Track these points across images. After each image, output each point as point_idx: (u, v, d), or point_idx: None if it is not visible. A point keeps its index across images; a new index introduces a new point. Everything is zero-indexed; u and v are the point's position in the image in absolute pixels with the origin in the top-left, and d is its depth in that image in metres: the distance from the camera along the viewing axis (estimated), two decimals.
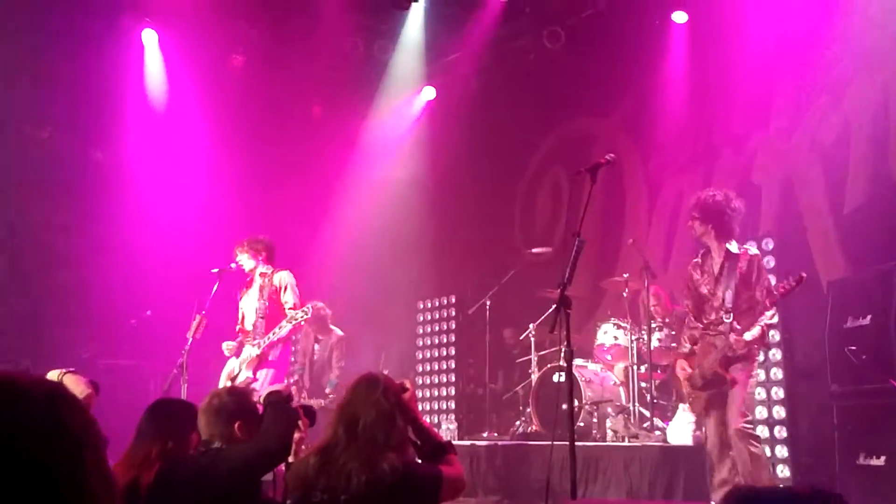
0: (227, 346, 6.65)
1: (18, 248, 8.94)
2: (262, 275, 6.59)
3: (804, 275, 4.84)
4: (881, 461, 5.01)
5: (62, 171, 9.18)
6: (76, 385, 3.13)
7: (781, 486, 5.56)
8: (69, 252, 9.18)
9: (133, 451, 3.07)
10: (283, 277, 6.54)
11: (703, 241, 5.29)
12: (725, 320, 5.08)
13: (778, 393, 6.74)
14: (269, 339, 6.27)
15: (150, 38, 9.50)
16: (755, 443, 5.02)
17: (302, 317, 6.18)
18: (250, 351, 6.36)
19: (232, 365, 6.52)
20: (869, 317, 5.25)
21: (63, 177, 9.16)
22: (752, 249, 5.36)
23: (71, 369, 4.09)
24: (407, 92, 10.71)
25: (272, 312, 6.45)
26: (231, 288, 6.99)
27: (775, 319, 5.33)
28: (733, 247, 5.23)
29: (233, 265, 6.55)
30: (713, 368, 5.06)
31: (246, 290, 6.74)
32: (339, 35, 9.78)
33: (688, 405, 6.53)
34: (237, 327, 6.74)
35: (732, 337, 4.97)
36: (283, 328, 6.23)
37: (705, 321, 5.28)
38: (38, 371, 3.20)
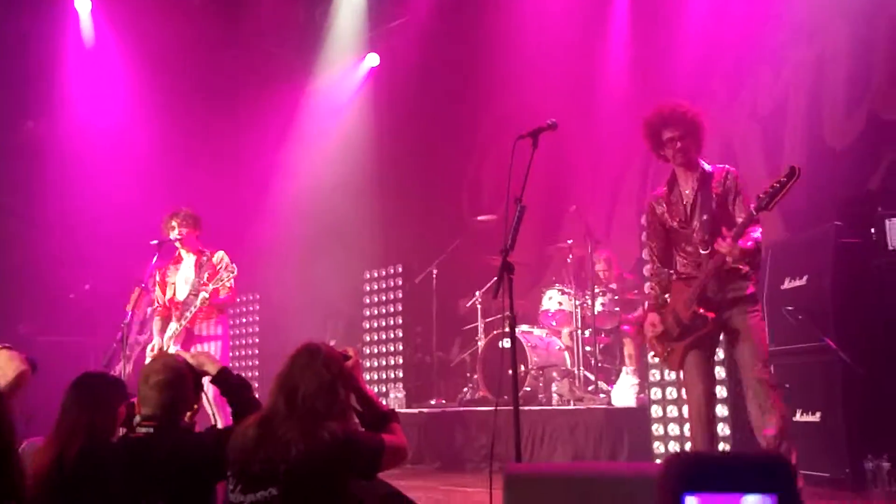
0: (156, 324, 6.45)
1: None
2: (200, 252, 6.32)
3: (797, 167, 3.91)
4: (817, 417, 5.16)
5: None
6: (9, 361, 3.02)
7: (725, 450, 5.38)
8: (3, 226, 8.91)
9: (58, 427, 2.98)
10: (223, 258, 6.26)
11: (677, 159, 4.30)
12: (703, 252, 4.19)
13: (718, 354, 6.87)
14: (190, 313, 6.02)
15: (83, 4, 9.19)
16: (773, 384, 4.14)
17: (228, 277, 5.94)
18: (175, 327, 6.13)
19: (156, 341, 6.27)
20: (805, 277, 5.37)
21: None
22: (729, 166, 4.36)
23: (6, 345, 3.96)
24: (350, 58, 10.56)
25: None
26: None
27: (759, 234, 4.15)
28: (706, 165, 4.35)
29: (171, 236, 6.28)
30: (690, 310, 4.16)
31: (175, 265, 6.43)
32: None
33: (640, 362, 6.63)
34: (161, 300, 6.41)
35: (722, 245, 4.00)
36: (196, 305, 5.97)
37: (679, 267, 4.37)
38: None
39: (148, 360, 4.45)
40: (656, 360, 5.64)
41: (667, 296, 4.37)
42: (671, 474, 1.10)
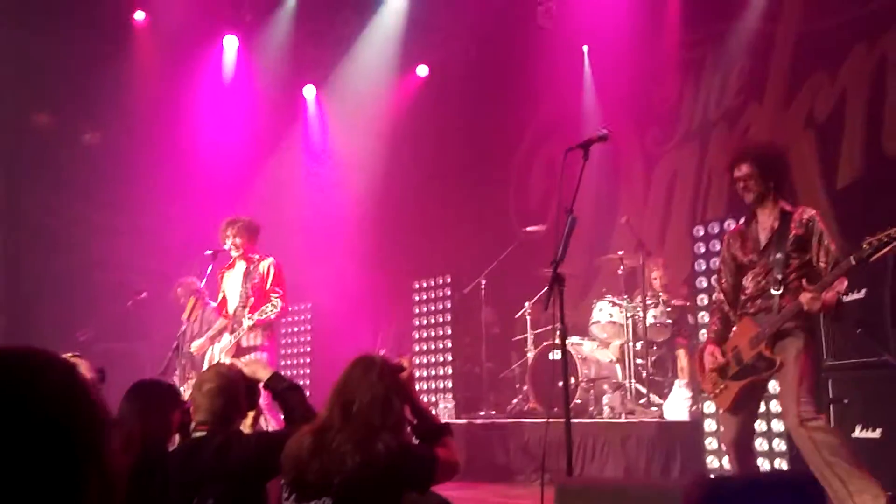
0: (196, 345, 6.55)
1: (16, 232, 8.94)
2: (248, 259, 6.35)
3: None
4: (877, 433, 5.03)
5: (58, 153, 9.17)
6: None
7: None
8: (65, 236, 9.18)
9: (114, 436, 3.06)
10: (269, 266, 6.28)
11: (746, 198, 4.23)
12: (773, 291, 4.06)
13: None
14: (244, 328, 6.03)
15: (140, 17, 9.44)
16: (827, 428, 3.95)
17: (272, 311, 5.95)
18: (228, 338, 6.16)
19: (212, 352, 6.35)
20: (864, 290, 5.25)
21: (60, 160, 9.16)
22: (810, 209, 4.21)
23: (76, 354, 4.08)
24: (401, 69, 10.65)
25: (256, 300, 6.18)
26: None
27: (843, 286, 4.02)
28: (787, 205, 4.23)
29: (226, 246, 6.36)
30: (756, 350, 4.03)
31: (228, 272, 6.49)
32: (319, 10, 9.72)
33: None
34: (221, 310, 6.52)
35: (806, 296, 3.87)
36: (249, 322, 5.99)
37: (744, 296, 4.28)
38: None
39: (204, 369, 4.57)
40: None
41: (727, 332, 4.30)
42: (695, 499, 1.09)
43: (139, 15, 9.45)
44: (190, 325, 6.74)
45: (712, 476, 5.34)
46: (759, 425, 5.38)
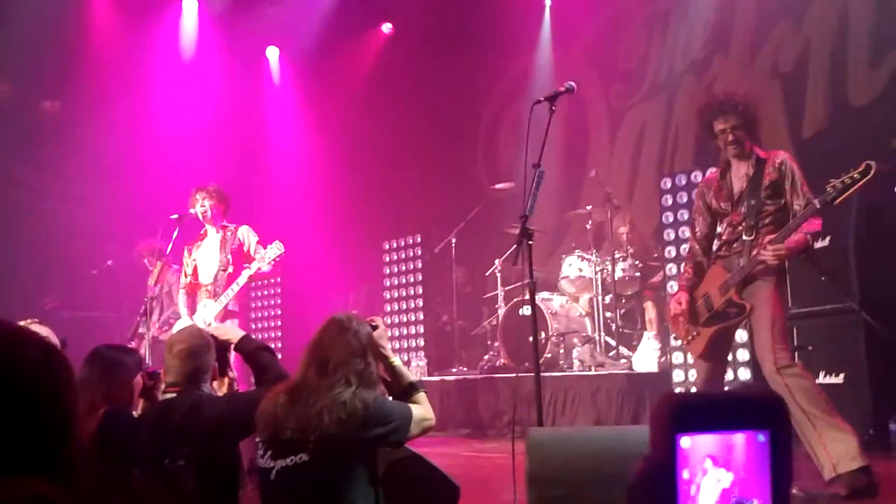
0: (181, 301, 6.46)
1: None
2: (224, 227, 6.28)
3: (872, 164, 3.73)
4: (840, 379, 5.15)
5: (18, 123, 8.96)
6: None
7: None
8: (29, 204, 9.01)
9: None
10: (248, 232, 6.25)
11: (729, 151, 4.23)
12: (745, 238, 4.08)
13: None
14: (232, 291, 5.99)
15: None
16: (803, 374, 3.92)
17: (275, 254, 5.95)
18: (212, 305, 6.09)
19: (184, 319, 6.18)
20: (828, 238, 5.33)
21: (20, 129, 8.95)
22: (782, 152, 4.23)
23: (35, 320, 4.03)
24: (365, 28, 10.51)
25: (236, 265, 6.14)
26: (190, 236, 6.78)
27: (817, 226, 4.02)
28: (761, 151, 4.24)
29: (192, 211, 6.27)
30: (726, 296, 4.06)
31: (199, 243, 6.40)
32: None
33: (656, 337, 6.62)
34: (186, 279, 6.39)
35: (770, 248, 3.90)
36: (242, 279, 5.97)
37: (718, 242, 4.32)
38: None
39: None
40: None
41: (699, 280, 4.30)
42: (663, 416, 1.10)
43: None
44: (157, 290, 6.66)
45: (679, 392, 5.45)
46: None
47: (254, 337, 3.39)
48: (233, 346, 3.28)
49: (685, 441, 1.08)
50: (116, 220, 9.05)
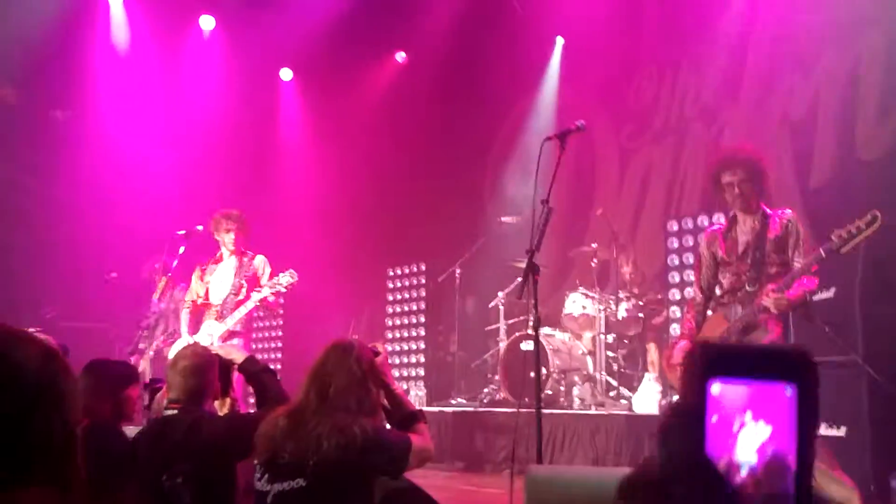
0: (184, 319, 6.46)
1: None
2: (242, 253, 6.36)
3: (878, 213, 3.80)
4: (842, 432, 5.11)
5: (25, 131, 9.02)
6: None
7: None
8: (32, 212, 9.04)
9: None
10: (263, 264, 6.35)
11: (736, 204, 4.28)
12: (749, 288, 4.15)
13: None
14: (238, 313, 6.05)
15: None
16: None
17: (287, 281, 5.99)
18: (216, 327, 6.11)
19: (185, 338, 6.21)
20: (833, 289, 5.32)
21: (26, 137, 9.00)
22: (788, 210, 4.31)
23: (38, 329, 4.03)
24: (379, 56, 10.60)
25: (248, 291, 6.20)
26: (196, 252, 6.79)
27: (813, 285, 4.11)
28: (767, 207, 4.32)
29: (217, 236, 6.30)
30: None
31: (214, 265, 6.45)
32: None
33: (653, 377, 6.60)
34: (196, 300, 6.41)
35: (769, 299, 3.95)
36: (250, 304, 6.04)
37: (719, 292, 4.38)
38: None
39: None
40: None
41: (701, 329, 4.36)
42: (697, 361, 1.14)
43: None
44: (160, 306, 6.67)
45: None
46: None
47: (257, 358, 3.39)
48: (236, 367, 3.29)
49: (716, 387, 1.11)
50: (122, 233, 9.07)
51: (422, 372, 8.62)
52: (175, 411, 3.04)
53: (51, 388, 1.13)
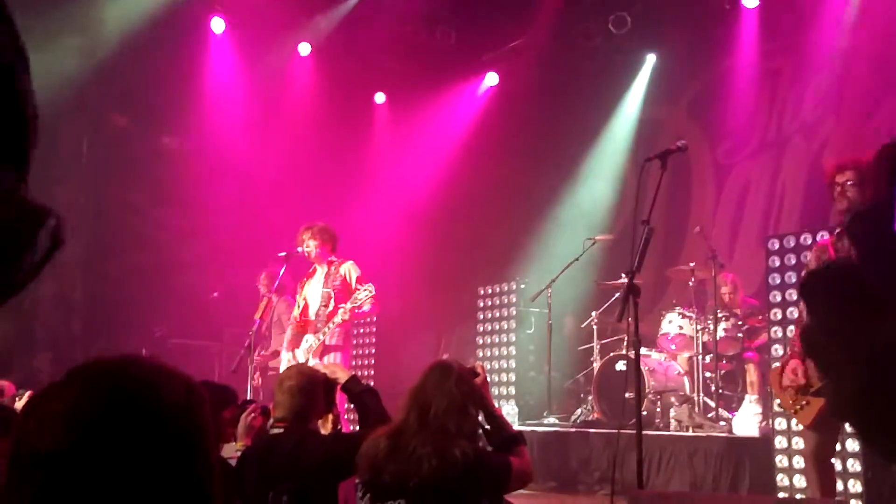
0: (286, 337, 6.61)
1: (100, 231, 9.25)
2: (329, 263, 6.44)
3: None
4: None
5: (141, 157, 9.48)
6: None
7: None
8: (145, 233, 9.47)
9: None
10: (350, 268, 6.38)
11: (840, 206, 4.22)
12: None
13: None
14: (330, 327, 6.12)
15: (218, 25, 9.69)
16: None
17: (365, 297, 6.05)
18: (312, 340, 6.22)
19: (287, 357, 6.34)
20: None
21: (141, 162, 9.46)
22: None
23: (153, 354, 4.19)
24: (469, 78, 10.71)
25: (337, 301, 6.24)
26: (296, 271, 7.00)
27: None
28: None
29: (300, 249, 6.45)
30: None
31: (308, 280, 6.57)
32: (400, 21, 9.81)
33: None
34: (295, 315, 6.56)
35: None
36: (344, 314, 6.06)
37: None
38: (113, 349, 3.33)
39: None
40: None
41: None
42: (886, 158, 1.18)
43: (217, 24, 9.67)
44: (262, 325, 6.88)
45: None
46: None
47: (360, 378, 3.47)
48: (340, 386, 3.37)
49: None
50: (226, 254, 9.41)
51: (513, 391, 8.59)
52: (281, 430, 3.14)
53: (195, 424, 1.14)
